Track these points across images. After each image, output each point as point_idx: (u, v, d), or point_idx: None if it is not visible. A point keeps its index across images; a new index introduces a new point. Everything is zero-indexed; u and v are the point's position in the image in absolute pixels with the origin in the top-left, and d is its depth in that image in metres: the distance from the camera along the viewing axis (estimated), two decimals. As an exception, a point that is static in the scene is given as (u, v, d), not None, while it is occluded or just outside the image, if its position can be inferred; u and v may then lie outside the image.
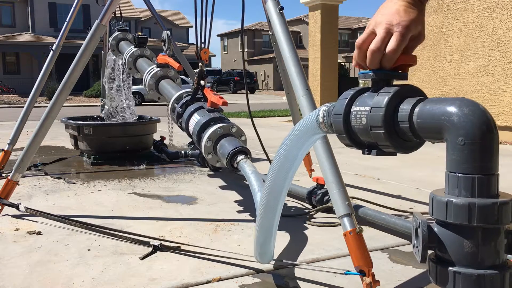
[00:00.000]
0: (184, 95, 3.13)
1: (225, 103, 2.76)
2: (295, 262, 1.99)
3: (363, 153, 0.98)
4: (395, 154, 0.94)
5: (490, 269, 0.76)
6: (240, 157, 2.39)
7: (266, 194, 1.46)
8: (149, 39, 4.14)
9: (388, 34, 0.93)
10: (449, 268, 0.78)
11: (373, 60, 0.94)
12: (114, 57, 4.71)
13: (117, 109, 5.02)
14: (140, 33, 4.15)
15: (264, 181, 2.15)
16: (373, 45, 0.94)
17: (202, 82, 2.93)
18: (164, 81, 3.51)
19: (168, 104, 3.25)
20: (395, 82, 0.97)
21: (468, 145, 0.75)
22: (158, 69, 3.54)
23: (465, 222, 0.75)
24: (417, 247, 0.80)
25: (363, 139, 0.96)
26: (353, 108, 0.96)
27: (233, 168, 2.42)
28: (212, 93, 2.85)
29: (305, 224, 2.54)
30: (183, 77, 16.77)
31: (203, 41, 2.83)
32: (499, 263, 0.77)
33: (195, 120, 2.76)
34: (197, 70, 2.91)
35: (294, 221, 2.58)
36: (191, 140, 2.94)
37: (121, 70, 4.82)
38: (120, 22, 4.59)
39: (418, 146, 0.93)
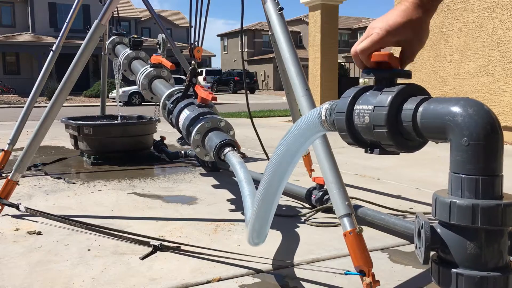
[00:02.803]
0: (176, 92, 3.18)
1: (214, 98, 2.81)
2: (296, 262, 1.98)
3: (366, 151, 0.97)
4: (398, 153, 0.93)
5: (493, 271, 0.75)
6: (227, 149, 2.43)
7: (264, 187, 1.44)
8: (149, 39, 4.16)
9: (367, 37, 0.96)
10: (452, 269, 0.77)
11: (356, 62, 0.99)
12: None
13: None
14: (135, 36, 4.17)
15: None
16: (352, 48, 0.98)
17: (194, 80, 2.96)
18: (157, 81, 3.54)
19: (159, 102, 3.29)
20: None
21: (472, 145, 0.74)
22: (152, 69, 3.57)
23: (468, 223, 0.74)
24: (419, 248, 0.80)
25: (366, 138, 0.95)
26: (356, 106, 0.95)
27: (220, 160, 2.46)
28: (202, 89, 2.89)
29: (304, 224, 2.53)
30: (183, 77, 16.72)
31: (196, 39, 2.86)
32: (502, 265, 0.77)
33: (185, 115, 2.81)
34: (190, 67, 2.94)
35: (293, 221, 2.58)
36: (180, 136, 2.97)
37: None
38: (118, 26, 4.61)
39: (421, 146, 0.92)
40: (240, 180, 2.08)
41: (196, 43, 2.87)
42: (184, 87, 3.06)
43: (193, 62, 2.91)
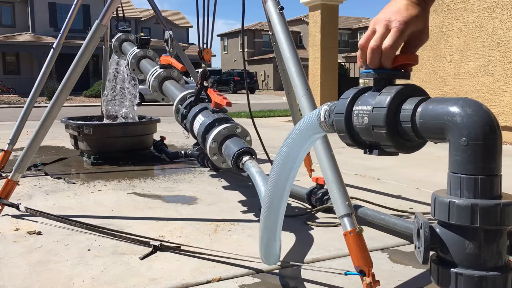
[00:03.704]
0: (188, 96, 3.11)
1: (229, 104, 2.75)
2: (296, 262, 1.98)
3: (365, 152, 0.97)
4: (397, 154, 0.93)
5: (492, 270, 0.75)
6: (245, 158, 2.38)
7: (268, 195, 1.45)
8: (150, 39, 4.14)
9: (387, 31, 0.93)
10: (451, 269, 0.77)
11: (372, 58, 0.94)
12: (116, 58, 4.70)
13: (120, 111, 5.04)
14: (142, 34, 4.15)
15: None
16: (372, 43, 0.93)
17: (205, 83, 2.92)
18: (167, 82, 3.50)
19: (173, 105, 3.25)
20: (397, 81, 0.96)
21: (471, 145, 0.74)
22: (161, 70, 3.53)
23: (467, 223, 0.74)
24: (419, 248, 0.80)
25: (365, 139, 0.95)
26: (355, 107, 0.95)
27: (239, 169, 2.41)
28: (215, 94, 2.84)
29: (305, 224, 2.53)
30: (184, 77, 16.74)
31: (205, 41, 2.82)
32: (501, 265, 0.77)
33: (200, 121, 2.75)
34: (200, 70, 2.90)
35: (294, 221, 2.58)
36: (196, 141, 2.93)
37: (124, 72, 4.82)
38: (122, 23, 4.59)
39: (420, 146, 0.92)
40: (260, 192, 2.04)
41: (204, 45, 2.83)
42: (196, 91, 3.01)
43: (203, 64, 2.86)
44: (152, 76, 3.53)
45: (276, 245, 1.67)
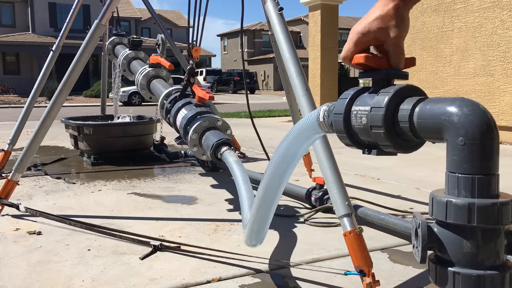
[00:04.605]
0: (173, 92, 3.20)
1: (211, 98, 2.83)
2: (295, 262, 1.99)
3: (363, 153, 0.98)
4: (396, 154, 0.94)
5: (490, 269, 0.75)
6: (224, 148, 2.44)
7: (263, 189, 1.45)
8: (149, 39, 4.20)
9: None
10: (449, 268, 0.77)
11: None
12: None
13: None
14: (135, 36, 4.21)
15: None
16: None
17: (192, 79, 2.99)
18: (155, 81, 3.57)
19: (158, 101, 3.32)
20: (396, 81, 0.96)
21: (468, 145, 0.74)
22: (150, 69, 3.61)
23: (465, 222, 0.75)
24: (417, 247, 0.80)
25: (363, 139, 0.95)
26: (354, 107, 0.96)
27: (217, 160, 2.48)
28: (199, 89, 2.91)
29: (304, 224, 2.54)
30: (183, 77, 16.75)
31: (195, 39, 2.87)
32: (499, 264, 0.77)
33: (182, 114, 2.83)
34: (188, 67, 2.96)
35: (293, 221, 2.58)
36: (178, 135, 3.00)
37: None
38: (117, 27, 4.64)
39: (419, 146, 0.92)
40: (236, 179, 2.09)
41: (194, 43, 2.89)
42: (182, 87, 3.08)
43: (191, 61, 2.93)
44: (141, 74, 3.61)
45: (264, 233, 1.65)
